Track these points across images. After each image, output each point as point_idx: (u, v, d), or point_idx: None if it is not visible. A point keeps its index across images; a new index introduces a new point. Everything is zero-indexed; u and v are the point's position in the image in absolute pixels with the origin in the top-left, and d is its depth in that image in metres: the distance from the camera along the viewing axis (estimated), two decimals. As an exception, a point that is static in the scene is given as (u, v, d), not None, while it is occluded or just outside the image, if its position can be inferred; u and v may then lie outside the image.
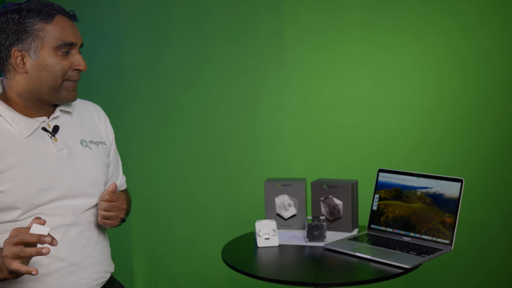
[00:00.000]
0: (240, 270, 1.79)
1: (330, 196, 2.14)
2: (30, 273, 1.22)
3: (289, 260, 1.93)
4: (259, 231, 2.01)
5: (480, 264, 2.62)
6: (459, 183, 1.89)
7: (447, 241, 1.87)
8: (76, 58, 1.49)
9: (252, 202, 2.90)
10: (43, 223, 1.27)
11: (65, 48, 1.47)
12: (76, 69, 1.50)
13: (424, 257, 1.79)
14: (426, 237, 1.93)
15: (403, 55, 2.64)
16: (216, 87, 3.02)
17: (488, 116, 2.55)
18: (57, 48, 1.45)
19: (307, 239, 2.03)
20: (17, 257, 1.23)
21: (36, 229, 1.24)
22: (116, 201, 1.52)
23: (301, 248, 2.00)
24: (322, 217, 2.05)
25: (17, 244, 1.23)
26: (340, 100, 2.78)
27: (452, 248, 1.87)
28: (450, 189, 1.91)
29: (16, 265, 1.23)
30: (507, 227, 2.56)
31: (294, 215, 2.19)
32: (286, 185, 2.18)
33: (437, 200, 1.93)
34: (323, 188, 2.15)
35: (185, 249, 3.17)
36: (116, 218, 1.54)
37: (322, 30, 2.76)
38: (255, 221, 2.02)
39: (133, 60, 3.17)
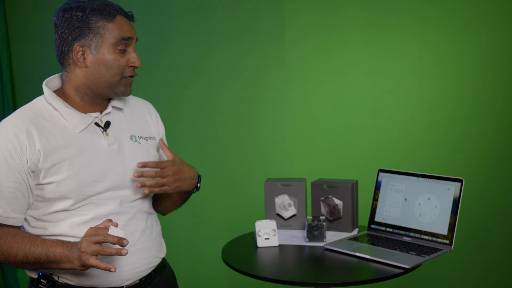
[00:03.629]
0: (240, 270, 1.79)
1: (330, 196, 2.14)
2: (109, 270, 1.36)
3: (289, 260, 1.93)
4: (259, 231, 2.01)
5: (479, 263, 2.62)
6: (459, 183, 1.90)
7: (447, 241, 1.87)
8: (132, 56, 1.56)
9: (252, 202, 2.90)
10: (116, 225, 1.40)
11: (123, 43, 1.54)
12: (132, 66, 1.57)
13: (424, 257, 1.79)
14: (426, 237, 1.93)
15: (403, 55, 2.64)
16: (216, 87, 3.02)
17: (488, 116, 2.55)
18: (115, 44, 1.52)
19: (307, 239, 2.03)
20: (96, 254, 1.35)
21: (115, 231, 1.38)
22: (162, 168, 1.56)
23: (301, 248, 2.00)
24: (322, 217, 2.05)
25: (97, 242, 1.36)
26: (340, 100, 2.78)
27: (452, 248, 1.87)
28: (450, 189, 1.91)
29: (94, 261, 1.35)
30: (506, 226, 2.56)
31: (294, 215, 2.19)
32: (286, 185, 2.18)
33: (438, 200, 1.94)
34: (323, 188, 2.15)
35: (185, 249, 3.17)
36: (171, 184, 1.58)
37: (322, 30, 2.76)
38: (255, 221, 2.02)
39: (133, 60, 3.17)
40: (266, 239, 2.00)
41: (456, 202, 1.89)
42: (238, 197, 3.02)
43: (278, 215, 2.19)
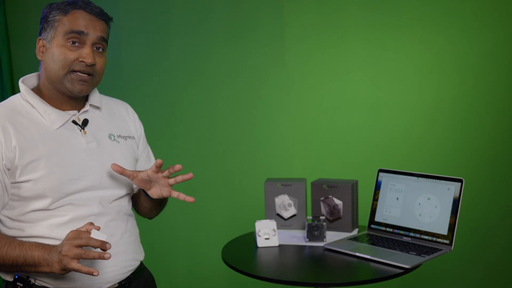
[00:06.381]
0: (240, 270, 1.79)
1: (330, 196, 2.14)
2: (91, 274, 1.32)
3: (289, 260, 1.93)
4: (259, 231, 2.01)
5: (479, 263, 2.62)
6: (459, 183, 1.89)
7: (447, 241, 1.87)
8: (85, 52, 1.51)
9: (252, 202, 2.90)
10: (98, 228, 1.36)
11: (73, 36, 1.50)
12: (82, 61, 1.51)
13: (424, 257, 1.79)
14: (426, 237, 1.93)
15: (403, 55, 2.64)
16: (216, 87, 3.02)
17: (488, 116, 2.55)
18: (65, 37, 1.50)
19: (307, 239, 2.03)
20: (78, 257, 1.31)
21: (97, 235, 1.34)
22: None
23: (301, 248, 2.00)
24: (322, 217, 2.05)
25: (79, 246, 1.32)
26: (340, 100, 2.78)
27: (452, 248, 1.87)
28: (450, 189, 1.91)
29: (76, 265, 1.31)
30: (506, 226, 2.56)
31: (294, 215, 2.19)
32: (286, 185, 2.18)
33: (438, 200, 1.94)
34: (323, 188, 2.15)
35: (185, 249, 3.17)
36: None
37: (322, 30, 2.77)
38: (255, 221, 2.02)
39: (133, 60, 3.17)
40: (266, 239, 2.00)
41: (456, 202, 1.89)
42: (238, 197, 3.02)
43: (278, 215, 2.19)
